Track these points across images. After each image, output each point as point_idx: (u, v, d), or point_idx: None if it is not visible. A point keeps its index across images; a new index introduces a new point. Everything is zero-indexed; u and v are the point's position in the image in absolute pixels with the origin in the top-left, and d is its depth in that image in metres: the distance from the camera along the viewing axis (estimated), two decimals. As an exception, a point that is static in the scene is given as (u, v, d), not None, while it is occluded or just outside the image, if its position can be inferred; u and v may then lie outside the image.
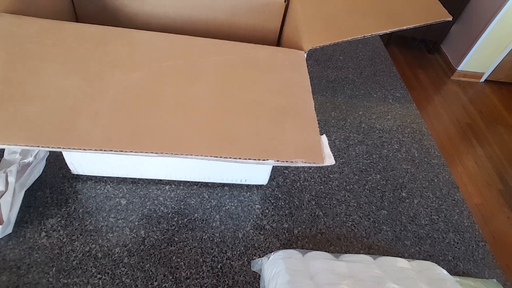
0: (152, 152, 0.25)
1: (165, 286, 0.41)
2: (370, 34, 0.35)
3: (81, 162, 0.47)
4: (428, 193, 0.58)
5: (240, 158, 0.25)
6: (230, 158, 0.25)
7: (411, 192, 0.58)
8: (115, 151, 0.24)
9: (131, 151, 0.24)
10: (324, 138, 0.27)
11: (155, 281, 0.42)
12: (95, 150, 0.24)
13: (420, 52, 2.65)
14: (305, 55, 0.37)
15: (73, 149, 0.24)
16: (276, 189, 0.54)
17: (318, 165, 0.25)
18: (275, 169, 0.56)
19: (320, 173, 0.58)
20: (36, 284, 0.40)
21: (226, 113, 0.29)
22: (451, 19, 0.34)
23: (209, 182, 0.52)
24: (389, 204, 0.55)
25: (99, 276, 0.41)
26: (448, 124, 2.07)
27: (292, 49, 0.37)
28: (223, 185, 0.52)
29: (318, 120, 0.67)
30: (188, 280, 0.42)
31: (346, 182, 0.57)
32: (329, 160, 0.26)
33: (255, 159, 0.25)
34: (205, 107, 0.29)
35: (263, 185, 0.53)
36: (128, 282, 0.41)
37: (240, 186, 0.53)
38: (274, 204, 0.52)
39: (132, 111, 0.27)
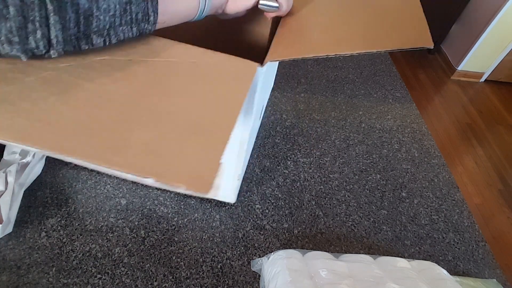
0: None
1: (165, 286, 0.41)
2: (344, 53, 0.33)
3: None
4: (428, 193, 0.58)
5: (119, 171, 0.23)
6: (108, 168, 0.23)
7: (411, 192, 0.58)
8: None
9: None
10: (221, 168, 0.24)
11: (155, 281, 0.42)
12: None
13: (420, 52, 2.65)
14: (262, 68, 0.33)
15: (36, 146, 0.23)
16: (276, 189, 0.54)
17: (201, 195, 0.23)
18: (274, 170, 0.56)
19: (320, 173, 0.58)
20: (36, 284, 0.40)
21: (128, 122, 0.26)
22: (432, 48, 0.33)
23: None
24: (389, 204, 0.55)
25: (99, 276, 0.41)
26: (448, 124, 2.07)
27: (246, 60, 0.33)
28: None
29: (318, 120, 0.67)
30: (188, 280, 0.42)
31: (346, 182, 0.57)
32: (214, 192, 0.23)
33: (134, 174, 0.23)
34: (110, 112, 0.26)
35: (230, 203, 0.50)
36: (128, 282, 0.41)
37: (240, 185, 0.53)
38: (274, 204, 0.52)
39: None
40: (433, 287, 0.39)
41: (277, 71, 0.76)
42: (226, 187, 0.47)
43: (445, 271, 0.43)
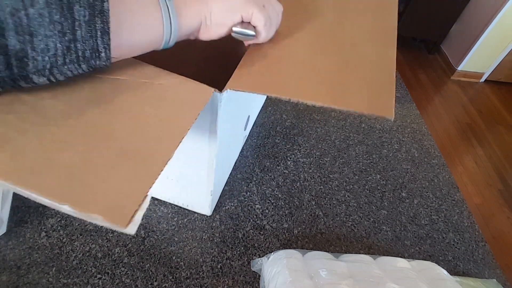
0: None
1: (165, 286, 0.41)
2: (306, 101, 0.31)
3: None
4: (428, 193, 0.58)
5: (34, 194, 0.21)
6: (24, 190, 0.21)
7: (411, 192, 0.58)
8: None
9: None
10: (147, 201, 0.22)
11: (155, 281, 0.42)
12: None
13: (420, 52, 2.65)
14: (219, 95, 0.32)
15: None
16: (276, 189, 0.54)
17: (118, 229, 0.20)
18: (274, 170, 0.56)
19: (320, 173, 0.58)
20: (36, 284, 0.40)
21: (59, 141, 0.24)
22: (391, 120, 0.32)
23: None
24: (389, 204, 0.55)
25: (99, 276, 0.41)
26: (448, 124, 2.07)
27: (201, 84, 0.31)
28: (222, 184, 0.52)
29: (318, 120, 0.67)
30: (188, 280, 0.42)
31: (346, 182, 0.57)
32: (132, 227, 0.20)
33: (50, 200, 0.21)
34: (41, 129, 0.24)
35: (206, 215, 0.49)
36: (128, 282, 0.41)
37: (240, 185, 0.53)
38: (274, 204, 0.52)
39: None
40: (433, 287, 0.39)
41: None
42: (200, 202, 0.47)
43: (445, 271, 0.43)
